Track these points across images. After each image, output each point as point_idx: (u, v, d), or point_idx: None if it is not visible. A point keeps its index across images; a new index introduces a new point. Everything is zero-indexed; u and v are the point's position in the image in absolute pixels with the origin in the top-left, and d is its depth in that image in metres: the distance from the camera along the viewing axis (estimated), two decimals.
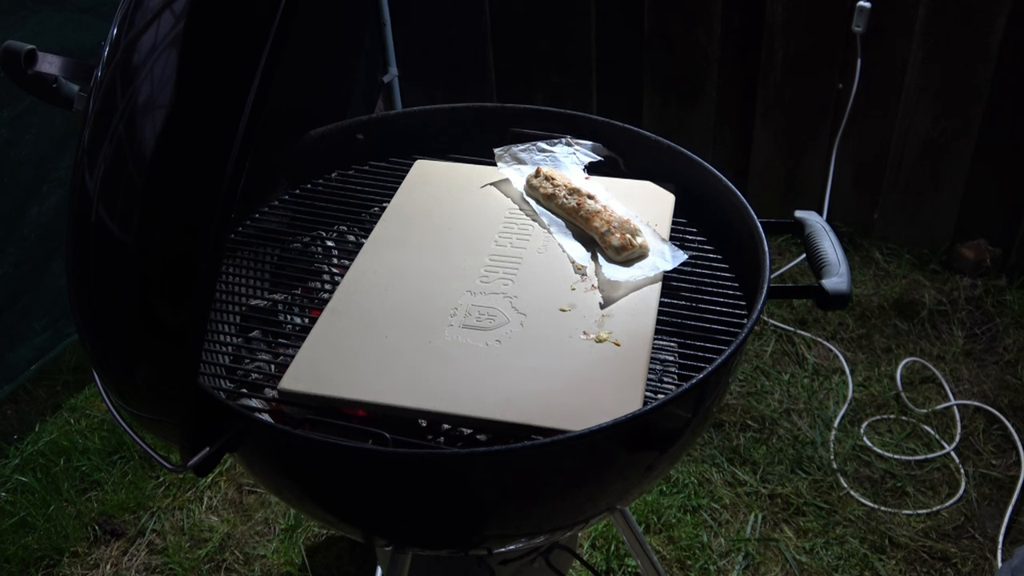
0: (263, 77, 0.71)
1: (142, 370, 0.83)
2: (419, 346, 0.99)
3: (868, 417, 2.09)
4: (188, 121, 0.75)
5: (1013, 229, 2.38)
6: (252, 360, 1.07)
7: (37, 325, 2.11)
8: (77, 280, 0.85)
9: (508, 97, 2.78)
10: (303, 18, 0.99)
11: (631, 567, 1.79)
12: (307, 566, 1.81)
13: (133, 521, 1.93)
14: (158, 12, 0.78)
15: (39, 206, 2.02)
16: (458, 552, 1.12)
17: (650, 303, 1.05)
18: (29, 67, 0.96)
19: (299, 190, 1.32)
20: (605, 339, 1.00)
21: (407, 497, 0.94)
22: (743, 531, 1.85)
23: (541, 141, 1.31)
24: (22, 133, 1.94)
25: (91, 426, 2.14)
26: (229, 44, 0.74)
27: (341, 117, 1.37)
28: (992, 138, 2.31)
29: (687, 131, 2.63)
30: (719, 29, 2.46)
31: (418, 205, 1.24)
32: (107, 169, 0.78)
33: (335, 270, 1.20)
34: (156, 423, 0.88)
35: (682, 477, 1.96)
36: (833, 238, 1.12)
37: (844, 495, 1.91)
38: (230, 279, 1.18)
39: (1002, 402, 2.10)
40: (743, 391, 2.16)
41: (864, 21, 2.25)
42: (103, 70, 0.81)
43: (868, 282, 2.48)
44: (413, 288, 1.08)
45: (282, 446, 0.92)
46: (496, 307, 1.05)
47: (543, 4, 2.63)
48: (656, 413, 0.88)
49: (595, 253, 1.14)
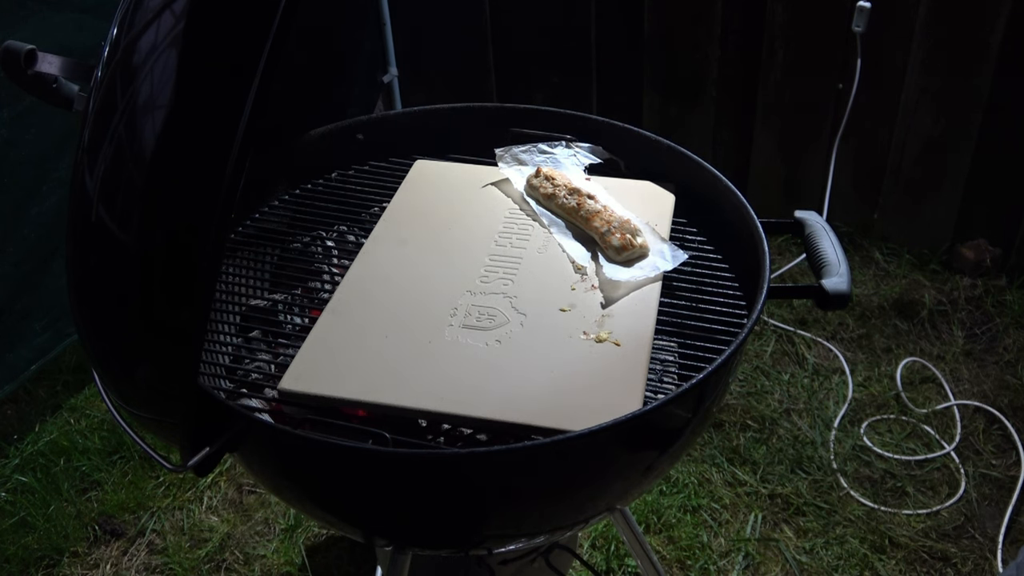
0: (263, 77, 0.71)
1: (142, 370, 0.83)
2: (419, 346, 0.99)
3: (868, 417, 2.09)
4: (188, 121, 0.75)
5: (1013, 229, 2.38)
6: (252, 360, 1.07)
7: (37, 325, 2.11)
8: (77, 280, 0.85)
9: (508, 97, 2.78)
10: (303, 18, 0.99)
11: (631, 567, 1.79)
12: (307, 566, 1.81)
13: (133, 521, 1.93)
14: (158, 12, 0.78)
15: (39, 206, 2.02)
16: (458, 552, 1.12)
17: (650, 303, 1.05)
18: (29, 67, 0.96)
19: (299, 190, 1.32)
20: (605, 339, 1.00)
21: (407, 497, 0.94)
22: (743, 531, 1.85)
23: (542, 143, 1.31)
24: (22, 133, 1.94)
25: (91, 426, 2.14)
26: (229, 44, 0.74)
27: (341, 117, 1.37)
28: (992, 138, 2.30)
29: (687, 131, 2.63)
30: (719, 29, 2.46)
31: (418, 205, 1.24)
32: (107, 169, 0.78)
33: (335, 270, 1.20)
34: (156, 423, 0.88)
35: (682, 477, 1.96)
36: (833, 238, 1.11)
37: (844, 495, 1.91)
38: (230, 279, 1.18)
39: (1002, 402, 2.10)
40: (743, 391, 2.16)
41: (864, 21, 2.25)
42: (103, 70, 0.81)
43: (868, 282, 2.48)
44: (413, 288, 1.08)
45: (282, 446, 0.92)
46: (496, 307, 1.05)
47: (543, 4, 2.63)
48: (656, 413, 0.88)
49: (595, 253, 1.14)
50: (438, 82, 2.87)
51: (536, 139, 1.32)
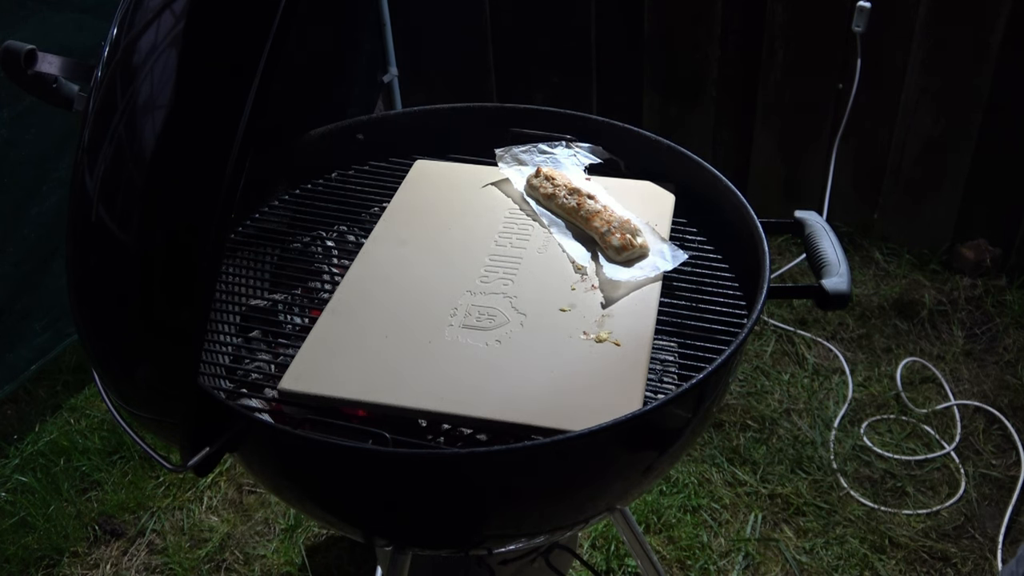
0: (263, 77, 0.71)
1: (142, 370, 0.83)
2: (419, 346, 0.99)
3: (868, 417, 2.09)
4: (188, 121, 0.75)
5: (1013, 229, 2.38)
6: (252, 360, 1.07)
7: (37, 325, 2.11)
8: (77, 280, 0.85)
9: (508, 97, 2.78)
10: (303, 18, 0.99)
11: (631, 567, 1.79)
12: (307, 566, 1.81)
13: (133, 521, 1.93)
14: (158, 12, 0.78)
15: (39, 206, 2.02)
16: (458, 552, 1.12)
17: (650, 303, 1.05)
18: (29, 67, 0.96)
19: (299, 190, 1.32)
20: (605, 339, 1.00)
21: (407, 497, 0.94)
22: (743, 531, 1.85)
23: (542, 143, 1.31)
24: (22, 133, 1.94)
25: (91, 426, 2.14)
26: (229, 44, 0.74)
27: (341, 117, 1.37)
28: (992, 138, 2.30)
29: (687, 131, 2.63)
30: (719, 29, 2.46)
31: (418, 205, 1.24)
32: (107, 169, 0.78)
33: (335, 270, 1.20)
34: (156, 423, 0.88)
35: (682, 477, 1.96)
36: (833, 238, 1.11)
37: (844, 495, 1.91)
38: (230, 279, 1.18)
39: (1002, 402, 2.10)
40: (743, 391, 2.17)
41: (864, 21, 2.25)
42: (103, 70, 0.81)
43: (868, 282, 2.48)
44: (413, 288, 1.08)
45: (282, 446, 0.92)
46: (496, 307, 1.05)
47: (543, 4, 2.63)
48: (656, 413, 0.88)
49: (595, 253, 1.14)
50: (438, 82, 2.87)
51: (536, 139, 1.32)
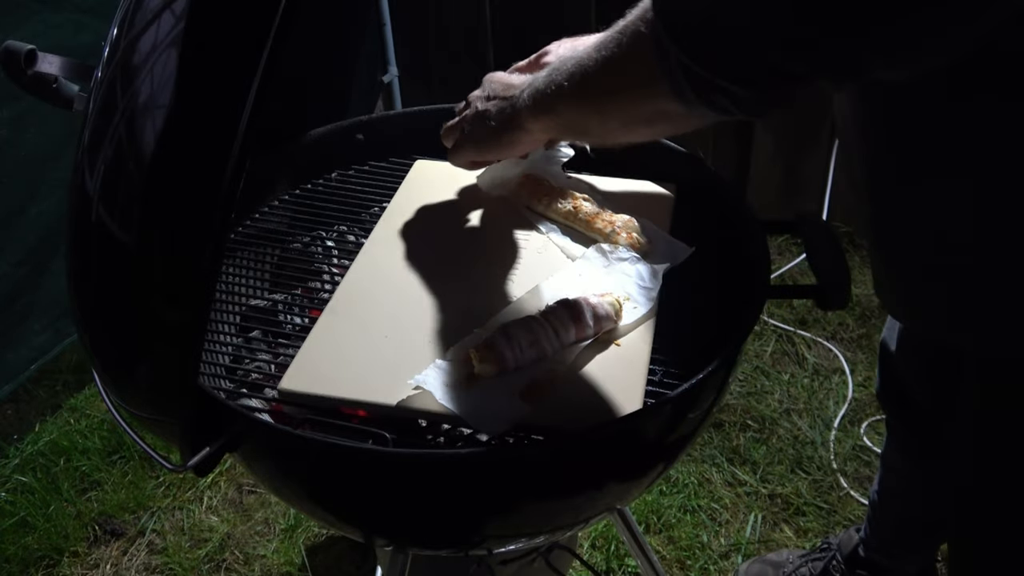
0: (263, 77, 0.71)
1: (142, 370, 0.83)
2: (419, 346, 0.99)
3: (868, 417, 2.09)
4: (188, 121, 0.75)
5: None
6: (252, 360, 1.06)
7: (37, 325, 2.12)
8: (77, 280, 0.85)
9: None
10: (303, 18, 0.99)
11: (631, 567, 1.79)
12: (307, 566, 1.81)
13: (133, 521, 1.93)
14: (158, 12, 0.78)
15: (39, 206, 2.03)
16: (458, 552, 1.12)
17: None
18: (29, 67, 0.96)
19: (299, 190, 1.32)
20: (605, 339, 1.00)
21: (407, 497, 0.94)
22: (743, 531, 1.85)
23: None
24: (22, 133, 1.94)
25: (91, 426, 2.14)
26: (229, 44, 0.74)
27: (341, 117, 1.37)
28: None
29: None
30: None
31: (418, 205, 1.23)
32: (107, 169, 0.78)
33: (335, 270, 1.20)
34: (156, 423, 0.88)
35: (682, 477, 1.96)
36: (833, 238, 1.11)
37: (844, 495, 1.91)
38: (230, 279, 1.18)
39: None
40: (743, 391, 2.16)
41: None
42: (103, 70, 0.81)
43: (868, 282, 2.47)
44: (413, 288, 1.08)
45: (282, 446, 0.92)
46: (496, 307, 1.04)
47: (543, 4, 2.63)
48: (656, 413, 0.88)
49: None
50: (438, 82, 2.87)
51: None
